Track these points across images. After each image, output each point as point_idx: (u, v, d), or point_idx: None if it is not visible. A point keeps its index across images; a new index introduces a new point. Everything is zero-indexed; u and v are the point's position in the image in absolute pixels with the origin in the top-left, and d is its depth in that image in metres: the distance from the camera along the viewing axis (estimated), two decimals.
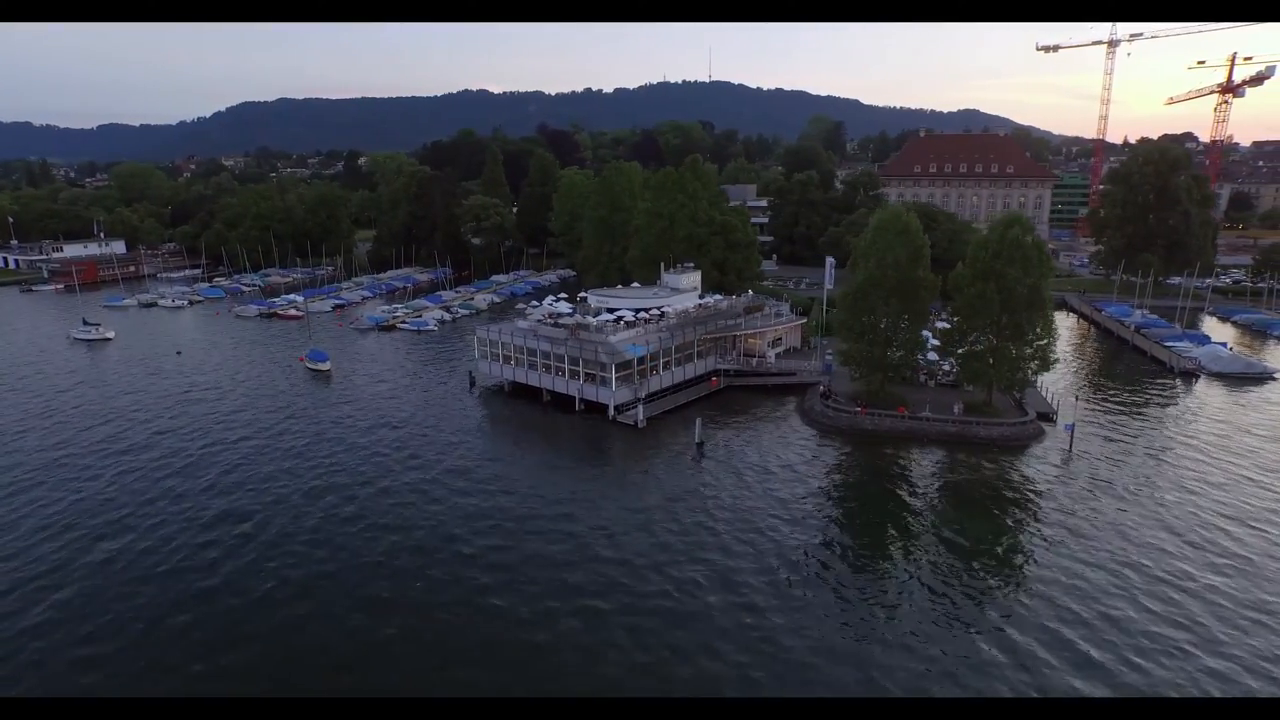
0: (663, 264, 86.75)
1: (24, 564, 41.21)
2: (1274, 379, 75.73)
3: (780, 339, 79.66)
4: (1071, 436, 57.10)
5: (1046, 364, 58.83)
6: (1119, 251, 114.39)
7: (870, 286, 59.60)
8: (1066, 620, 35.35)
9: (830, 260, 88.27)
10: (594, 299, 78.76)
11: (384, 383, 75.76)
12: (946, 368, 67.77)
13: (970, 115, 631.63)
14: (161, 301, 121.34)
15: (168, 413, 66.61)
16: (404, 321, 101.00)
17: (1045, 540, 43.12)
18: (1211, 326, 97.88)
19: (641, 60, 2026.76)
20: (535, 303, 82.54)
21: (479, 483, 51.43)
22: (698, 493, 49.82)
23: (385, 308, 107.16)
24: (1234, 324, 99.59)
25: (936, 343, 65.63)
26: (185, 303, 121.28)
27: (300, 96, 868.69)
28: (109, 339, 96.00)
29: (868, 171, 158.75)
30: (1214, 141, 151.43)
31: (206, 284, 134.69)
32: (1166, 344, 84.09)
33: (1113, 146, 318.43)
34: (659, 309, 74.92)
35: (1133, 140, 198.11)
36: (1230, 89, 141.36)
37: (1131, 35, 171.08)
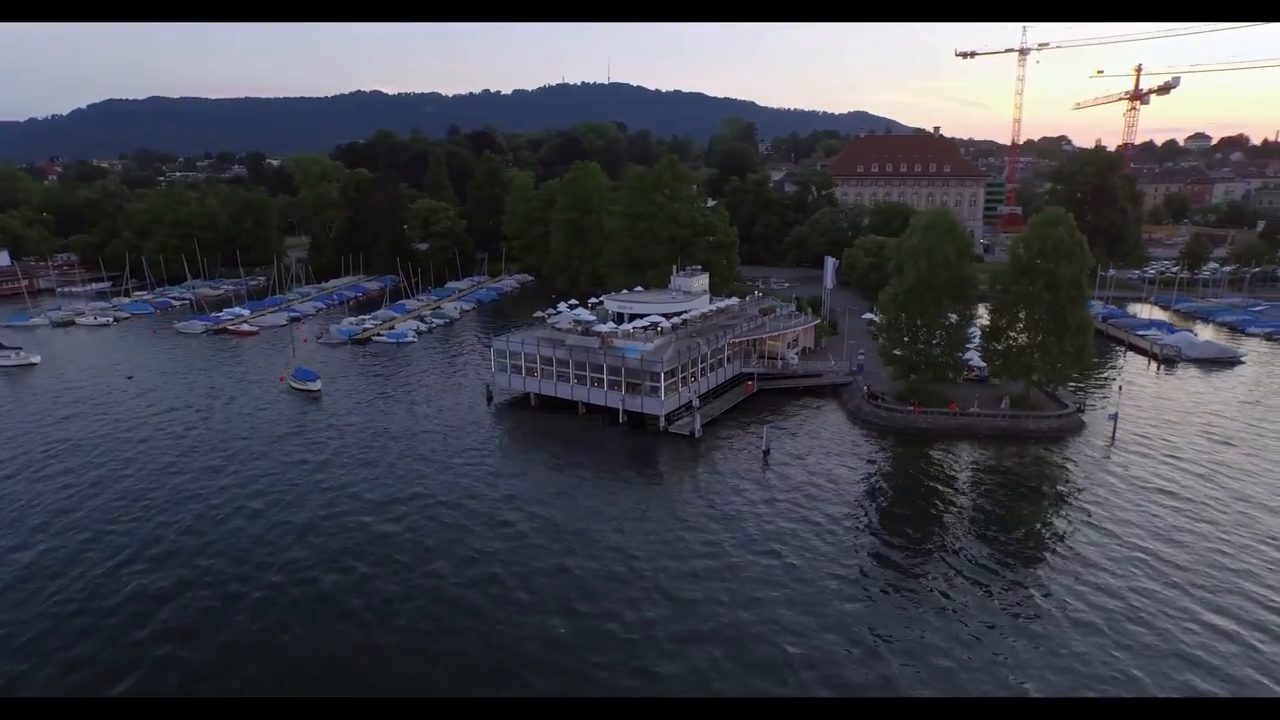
0: (675, 267, 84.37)
1: None
2: (1242, 362, 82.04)
3: (797, 340, 79.29)
4: (1115, 425, 59.37)
5: (1083, 357, 60.87)
6: None
7: (923, 287, 59.83)
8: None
9: (831, 261, 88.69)
10: (612, 305, 75.78)
11: (385, 403, 69.79)
12: (976, 364, 68.96)
13: (860, 117, 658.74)
14: (80, 319, 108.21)
15: (159, 461, 58.39)
16: (379, 334, 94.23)
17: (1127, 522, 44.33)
18: (1149, 313, 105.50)
19: (539, 61, 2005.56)
20: (553, 310, 78.55)
21: (567, 534, 44.12)
22: (780, 499, 48.29)
23: (352, 319, 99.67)
24: (1176, 311, 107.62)
25: (979, 340, 66.71)
26: (109, 320, 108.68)
27: (175, 95, 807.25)
28: (34, 364, 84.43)
29: (819, 172, 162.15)
30: (1125, 144, 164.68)
31: (127, 299, 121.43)
32: (1139, 333, 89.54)
33: (1004, 148, 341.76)
34: (681, 314, 72.94)
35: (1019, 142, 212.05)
36: (1137, 96, 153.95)
37: (1039, 44, 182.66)
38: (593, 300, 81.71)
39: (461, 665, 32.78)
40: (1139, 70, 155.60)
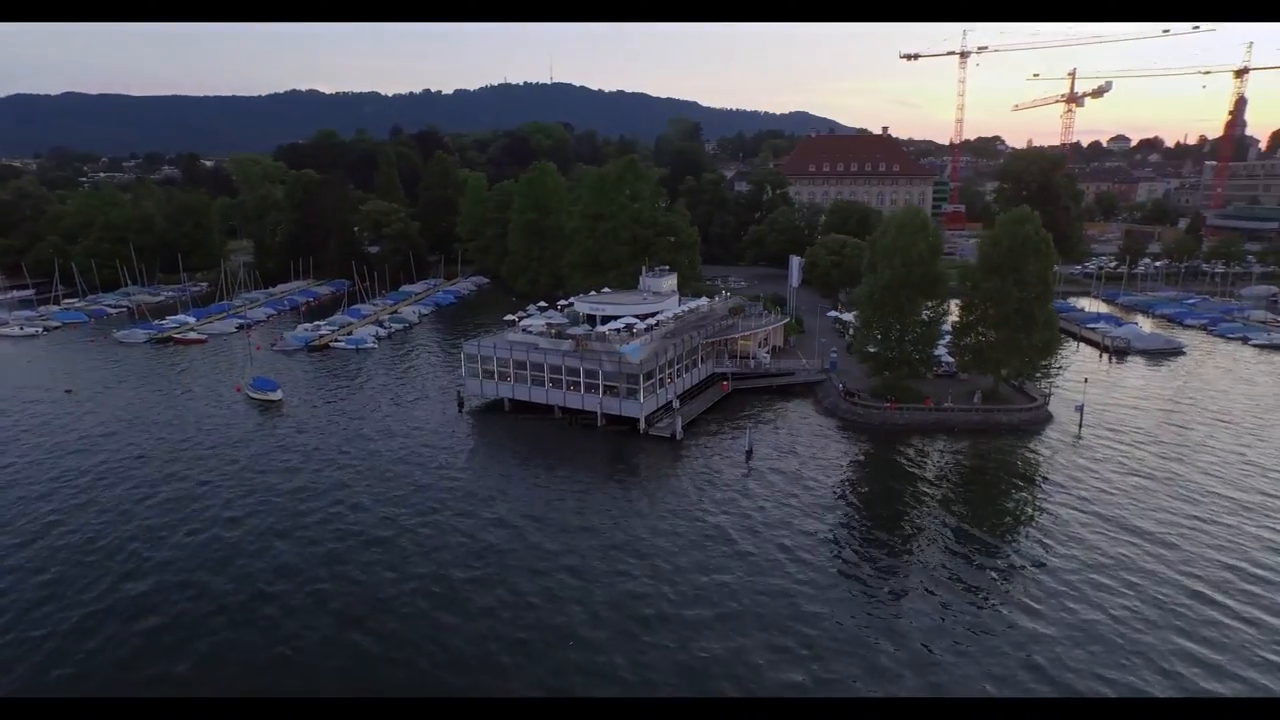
0: (644, 267, 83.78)
1: None
2: (1184, 352, 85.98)
3: (767, 339, 79.62)
4: (1081, 415, 61.33)
5: (1051, 352, 62.65)
6: None
7: (897, 285, 60.65)
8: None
9: (797, 260, 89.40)
10: (583, 307, 74.71)
11: (351, 412, 67.11)
12: (945, 359, 70.31)
13: (802, 117, 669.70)
14: (4, 329, 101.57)
15: (106, 481, 54.99)
16: (337, 340, 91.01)
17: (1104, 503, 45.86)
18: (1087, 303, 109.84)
19: (480, 61, 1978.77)
20: (522, 313, 77.08)
21: (560, 554, 42.28)
22: (769, 500, 48.26)
23: (307, 326, 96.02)
24: (1118, 305, 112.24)
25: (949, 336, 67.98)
26: (38, 330, 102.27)
27: (93, 92, 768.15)
28: None
29: (774, 171, 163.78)
30: (1063, 144, 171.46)
31: (57, 306, 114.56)
32: (1089, 326, 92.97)
33: (943, 148, 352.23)
34: (654, 314, 72.35)
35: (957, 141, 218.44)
36: (1073, 99, 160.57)
37: (979, 48, 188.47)
38: (561, 302, 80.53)
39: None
40: (1073, 74, 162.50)
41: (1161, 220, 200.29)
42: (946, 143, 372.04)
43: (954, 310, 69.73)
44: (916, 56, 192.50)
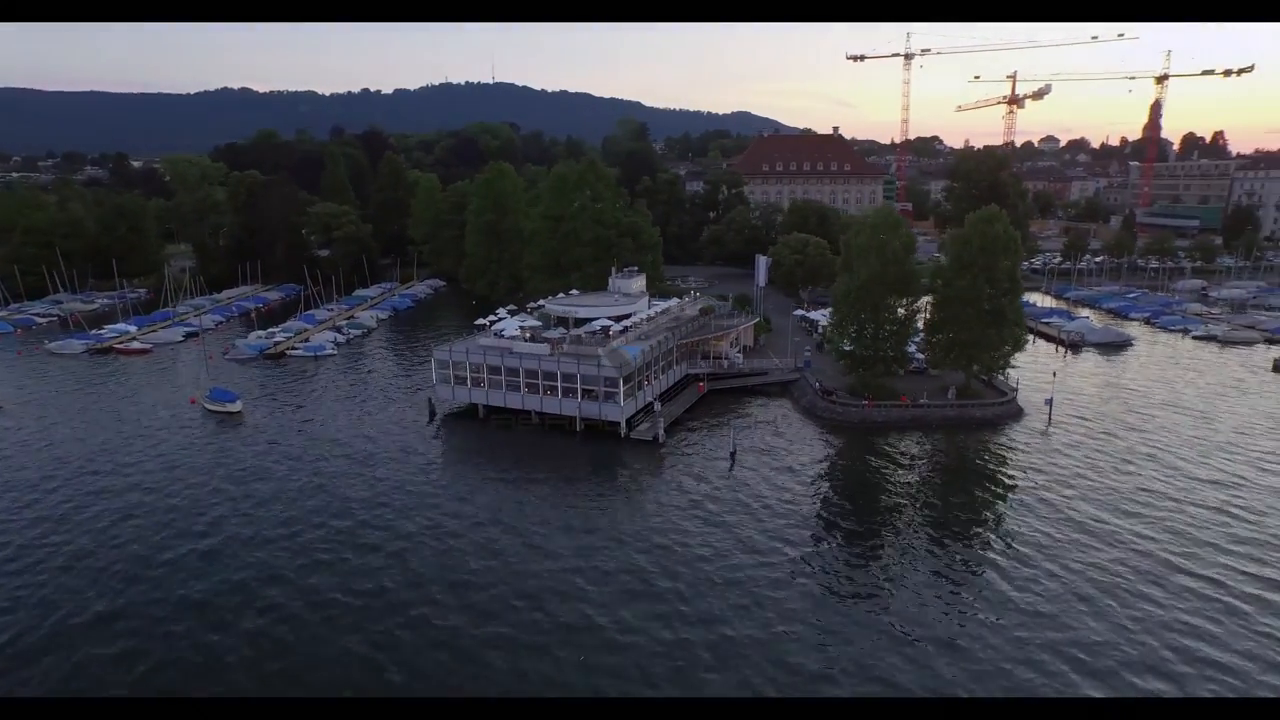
0: (614, 268, 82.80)
1: None
2: (1132, 344, 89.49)
3: (738, 339, 79.64)
4: (1050, 408, 63.02)
5: (1020, 347, 64.24)
6: None
7: (874, 283, 61.21)
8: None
9: (764, 259, 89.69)
10: (555, 309, 73.35)
11: (316, 423, 64.35)
12: (915, 356, 71.31)
13: (745, 117, 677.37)
14: None
15: (63, 511, 51.50)
16: (294, 347, 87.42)
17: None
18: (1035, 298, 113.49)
19: (419, 60, 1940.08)
20: (493, 316, 75.25)
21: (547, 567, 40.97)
22: (758, 503, 48.07)
23: (260, 333, 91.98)
24: (1067, 299, 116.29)
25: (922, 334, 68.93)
26: None
27: None
28: None
29: (730, 171, 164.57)
30: (1006, 144, 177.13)
31: None
32: (1044, 320, 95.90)
33: (884, 147, 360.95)
34: (628, 316, 71.56)
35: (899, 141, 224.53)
36: (1013, 101, 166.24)
37: (922, 50, 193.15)
38: (531, 305, 78.97)
39: None
40: (1014, 77, 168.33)
41: (1094, 218, 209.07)
42: (887, 142, 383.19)
43: (925, 307, 70.78)
44: (863, 58, 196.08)
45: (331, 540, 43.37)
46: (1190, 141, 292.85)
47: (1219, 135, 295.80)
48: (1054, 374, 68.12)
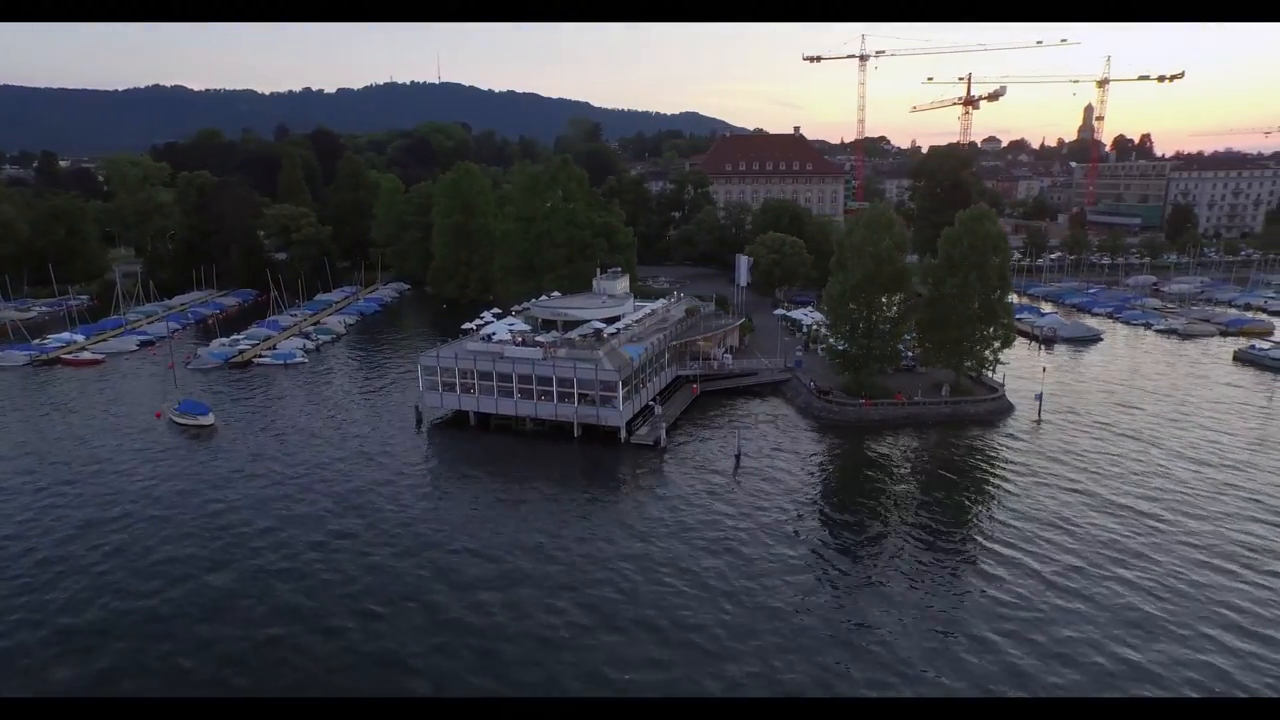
0: (598, 270, 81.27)
1: None
2: (1102, 339, 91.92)
3: (725, 339, 78.97)
4: (1040, 403, 63.95)
5: (1009, 341, 65.05)
6: (930, 239, 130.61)
7: (867, 282, 61.14)
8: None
9: (745, 259, 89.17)
10: (541, 311, 71.49)
11: (295, 434, 61.08)
12: (905, 354, 71.59)
13: (693, 117, 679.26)
14: None
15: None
16: (261, 355, 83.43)
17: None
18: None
19: (362, 60, 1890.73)
20: (480, 320, 72.94)
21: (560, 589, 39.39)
22: (775, 510, 47.40)
23: (222, 340, 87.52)
24: (1032, 295, 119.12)
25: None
26: None
27: None
28: None
29: (696, 171, 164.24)
30: (961, 143, 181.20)
31: None
32: (1016, 317, 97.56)
33: (835, 147, 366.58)
34: (618, 319, 70.19)
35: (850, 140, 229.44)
36: (969, 102, 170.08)
37: (877, 52, 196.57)
38: (516, 308, 76.91)
39: None
40: (969, 78, 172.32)
41: (1041, 216, 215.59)
42: (837, 142, 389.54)
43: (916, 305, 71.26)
44: (819, 59, 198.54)
45: (340, 569, 40.96)
46: (1121, 143, 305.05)
47: (1146, 138, 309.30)
48: (1043, 369, 69.29)
